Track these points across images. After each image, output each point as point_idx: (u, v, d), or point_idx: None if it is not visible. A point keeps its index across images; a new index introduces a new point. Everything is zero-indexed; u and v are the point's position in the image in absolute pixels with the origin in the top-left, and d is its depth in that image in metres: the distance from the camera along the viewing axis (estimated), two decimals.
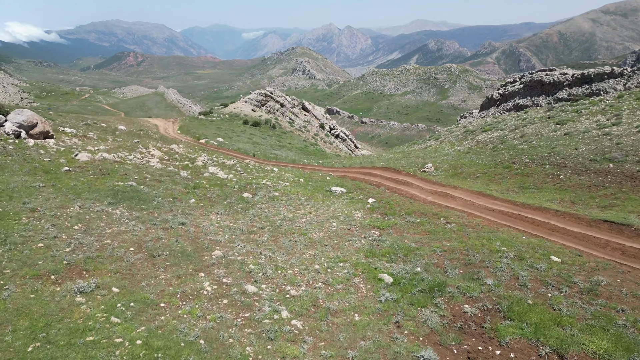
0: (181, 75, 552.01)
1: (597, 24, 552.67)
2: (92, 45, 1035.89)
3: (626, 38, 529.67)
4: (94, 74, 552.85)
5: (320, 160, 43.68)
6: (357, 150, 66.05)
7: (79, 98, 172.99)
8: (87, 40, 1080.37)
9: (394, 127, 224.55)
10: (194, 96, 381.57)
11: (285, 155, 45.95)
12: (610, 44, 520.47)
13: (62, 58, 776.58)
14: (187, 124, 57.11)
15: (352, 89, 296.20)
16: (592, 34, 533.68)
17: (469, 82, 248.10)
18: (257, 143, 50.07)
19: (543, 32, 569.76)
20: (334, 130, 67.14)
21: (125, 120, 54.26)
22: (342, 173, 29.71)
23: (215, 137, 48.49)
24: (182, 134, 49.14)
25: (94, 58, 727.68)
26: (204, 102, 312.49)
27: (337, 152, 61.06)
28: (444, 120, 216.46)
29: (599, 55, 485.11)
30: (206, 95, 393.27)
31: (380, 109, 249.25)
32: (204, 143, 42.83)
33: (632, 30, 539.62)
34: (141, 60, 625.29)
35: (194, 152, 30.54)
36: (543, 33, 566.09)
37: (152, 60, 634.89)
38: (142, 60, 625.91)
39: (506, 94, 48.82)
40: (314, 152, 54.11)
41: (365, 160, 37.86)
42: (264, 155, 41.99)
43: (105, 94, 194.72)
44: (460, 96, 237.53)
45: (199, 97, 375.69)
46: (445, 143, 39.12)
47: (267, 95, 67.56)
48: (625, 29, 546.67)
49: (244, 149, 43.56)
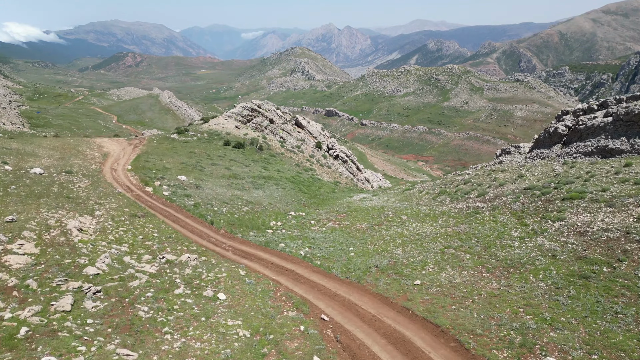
0: (180, 75, 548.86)
1: (597, 24, 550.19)
2: (91, 46, 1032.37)
3: (627, 38, 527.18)
4: (91, 75, 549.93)
5: (317, 206, 33.20)
6: (359, 174, 56.93)
7: (72, 100, 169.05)
8: (85, 41, 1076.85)
9: (394, 130, 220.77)
10: (192, 97, 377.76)
11: (267, 197, 33.23)
12: (612, 44, 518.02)
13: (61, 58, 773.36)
14: (152, 149, 43.53)
15: (351, 90, 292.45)
16: (593, 34, 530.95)
17: (470, 83, 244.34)
18: (235, 176, 37.59)
19: (544, 32, 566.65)
20: (332, 150, 57.66)
21: (64, 149, 38.03)
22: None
23: (177, 175, 34.20)
24: (132, 172, 34.19)
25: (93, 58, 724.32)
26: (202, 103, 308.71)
27: (336, 177, 51.39)
28: (446, 123, 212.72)
29: (600, 56, 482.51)
30: (204, 96, 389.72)
31: (381, 110, 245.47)
32: (149, 192, 28.89)
33: (633, 30, 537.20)
34: (140, 61, 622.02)
35: (90, 247, 17.08)
36: (544, 33, 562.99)
37: (151, 60, 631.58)
38: (140, 60, 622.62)
39: (581, 128, 31.90)
40: (309, 183, 42.77)
41: (375, 215, 28.41)
42: (229, 216, 26.82)
43: (100, 96, 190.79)
44: (462, 98, 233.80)
45: (197, 98, 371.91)
46: (497, 210, 23.31)
47: (254, 110, 56.86)
48: (626, 29, 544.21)
49: (206, 200, 28.86)
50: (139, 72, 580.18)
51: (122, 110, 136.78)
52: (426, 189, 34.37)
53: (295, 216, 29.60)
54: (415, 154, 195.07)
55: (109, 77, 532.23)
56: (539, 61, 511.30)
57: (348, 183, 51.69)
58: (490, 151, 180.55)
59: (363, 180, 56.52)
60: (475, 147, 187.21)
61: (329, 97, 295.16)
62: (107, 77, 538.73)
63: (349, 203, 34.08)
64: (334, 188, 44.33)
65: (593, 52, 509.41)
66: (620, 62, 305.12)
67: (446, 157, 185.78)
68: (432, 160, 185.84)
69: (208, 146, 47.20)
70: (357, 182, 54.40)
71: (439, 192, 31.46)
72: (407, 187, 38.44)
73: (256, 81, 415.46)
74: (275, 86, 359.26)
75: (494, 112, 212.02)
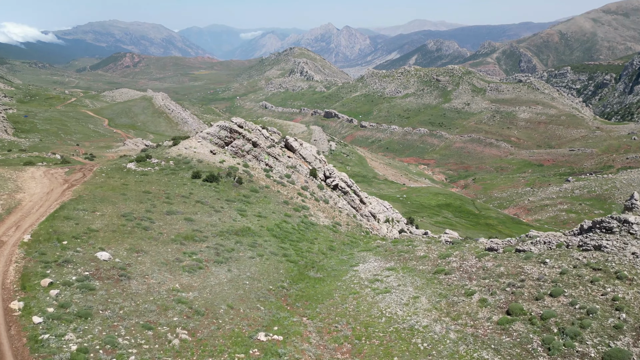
0: (177, 76, 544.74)
1: (598, 23, 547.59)
2: (89, 46, 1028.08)
3: (628, 38, 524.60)
4: (89, 75, 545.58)
5: (305, 306, 22.38)
6: (363, 208, 47.01)
7: (65, 102, 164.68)
8: (84, 41, 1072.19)
9: (394, 132, 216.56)
10: (189, 98, 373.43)
11: (231, 287, 21.87)
12: (612, 44, 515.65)
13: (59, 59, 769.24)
14: (92, 190, 31.39)
15: (351, 91, 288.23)
16: (594, 34, 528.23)
17: (472, 84, 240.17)
18: (194, 237, 26.65)
19: (544, 32, 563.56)
20: (330, 179, 46.79)
21: None
22: None
23: (101, 245, 22.68)
24: (26, 248, 20.87)
25: (90, 59, 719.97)
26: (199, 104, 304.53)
27: (335, 216, 41.45)
28: (447, 125, 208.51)
29: (601, 56, 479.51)
30: (202, 96, 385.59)
31: (381, 112, 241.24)
32: (13, 317, 15.57)
33: (634, 30, 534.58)
34: (137, 61, 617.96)
35: None
36: (544, 33, 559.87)
37: (149, 61, 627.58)
38: (138, 61, 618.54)
39: None
40: (299, 236, 32.69)
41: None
42: None
43: (94, 98, 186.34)
44: (463, 99, 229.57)
45: (195, 99, 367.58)
46: None
47: (233, 131, 45.71)
48: (626, 29, 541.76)
49: (109, 332, 15.71)
50: (137, 73, 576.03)
51: (114, 113, 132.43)
52: (477, 285, 21.33)
53: (264, 349, 17.09)
54: (417, 157, 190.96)
55: (107, 78, 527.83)
56: (539, 61, 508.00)
57: (350, 223, 41.61)
58: (494, 154, 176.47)
59: (368, 216, 46.62)
60: (478, 150, 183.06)
61: (328, 98, 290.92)
62: (104, 77, 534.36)
63: (354, 294, 23.19)
64: (331, 239, 35.05)
65: (594, 52, 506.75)
66: (623, 62, 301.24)
67: (448, 160, 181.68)
68: (433, 163, 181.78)
69: (171, 180, 36.70)
70: (360, 220, 44.46)
71: (512, 313, 18.03)
72: (440, 268, 24.60)
73: (254, 82, 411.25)
74: (274, 87, 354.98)
75: (497, 114, 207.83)
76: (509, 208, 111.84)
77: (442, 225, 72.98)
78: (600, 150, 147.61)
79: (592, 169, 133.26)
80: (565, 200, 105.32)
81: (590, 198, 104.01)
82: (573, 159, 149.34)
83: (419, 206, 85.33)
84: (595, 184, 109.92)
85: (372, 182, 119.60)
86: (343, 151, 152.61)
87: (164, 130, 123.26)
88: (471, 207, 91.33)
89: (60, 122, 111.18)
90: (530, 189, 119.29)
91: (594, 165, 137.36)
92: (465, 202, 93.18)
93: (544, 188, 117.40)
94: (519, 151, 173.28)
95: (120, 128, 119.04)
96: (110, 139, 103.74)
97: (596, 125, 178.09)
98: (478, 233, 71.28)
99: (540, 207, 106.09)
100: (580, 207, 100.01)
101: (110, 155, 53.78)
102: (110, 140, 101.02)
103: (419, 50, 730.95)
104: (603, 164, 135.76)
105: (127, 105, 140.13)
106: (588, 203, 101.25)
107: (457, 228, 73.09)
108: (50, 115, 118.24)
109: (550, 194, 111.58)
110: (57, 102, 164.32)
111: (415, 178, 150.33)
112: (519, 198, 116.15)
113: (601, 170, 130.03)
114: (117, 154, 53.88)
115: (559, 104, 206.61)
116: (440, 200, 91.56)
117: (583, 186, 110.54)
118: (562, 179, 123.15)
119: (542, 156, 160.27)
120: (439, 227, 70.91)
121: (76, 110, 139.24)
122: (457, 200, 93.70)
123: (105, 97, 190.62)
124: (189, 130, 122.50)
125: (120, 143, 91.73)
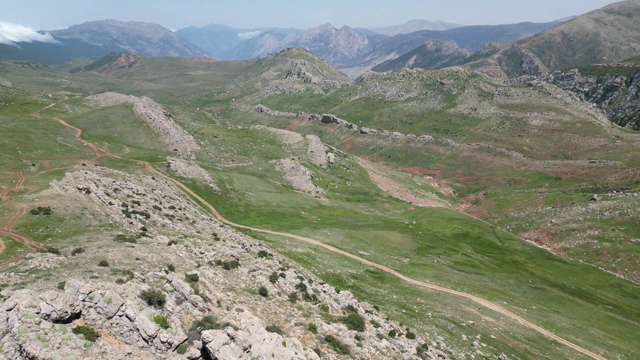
0: (173, 77, 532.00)
1: (600, 24, 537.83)
2: (86, 46, 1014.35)
3: (631, 38, 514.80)
4: (82, 76, 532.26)
5: None
6: None
7: (41, 108, 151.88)
8: (80, 41, 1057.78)
9: (397, 138, 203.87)
10: (183, 100, 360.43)
11: None
12: (615, 44, 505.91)
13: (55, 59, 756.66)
14: None
15: (350, 94, 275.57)
16: (596, 34, 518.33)
17: (478, 87, 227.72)
18: None
19: (545, 33, 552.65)
20: None
21: None
22: None
23: None
24: None
25: (86, 59, 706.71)
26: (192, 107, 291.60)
27: None
28: (453, 131, 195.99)
29: (604, 57, 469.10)
30: (196, 98, 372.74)
31: (382, 117, 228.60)
32: None
33: (637, 31, 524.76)
34: (133, 62, 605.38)
35: None
36: (545, 33, 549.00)
37: (144, 61, 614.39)
38: (133, 61, 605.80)
39: None
40: None
41: None
42: None
43: (76, 103, 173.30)
44: (469, 104, 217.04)
45: (189, 101, 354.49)
46: None
47: None
48: (630, 29, 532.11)
49: None
50: (132, 73, 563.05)
51: (89, 122, 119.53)
52: None
53: None
54: (421, 167, 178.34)
55: (100, 79, 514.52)
56: (541, 62, 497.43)
57: None
58: (505, 165, 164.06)
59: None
60: (488, 159, 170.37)
61: (326, 102, 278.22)
62: (98, 78, 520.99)
63: None
64: None
65: (597, 53, 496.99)
66: (633, 64, 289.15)
67: (455, 170, 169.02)
68: (439, 174, 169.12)
69: None
70: None
71: None
72: None
73: (251, 83, 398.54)
74: (270, 89, 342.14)
75: (506, 120, 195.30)
76: (530, 231, 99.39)
77: (463, 267, 60.44)
78: (624, 163, 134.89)
79: (617, 185, 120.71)
80: (595, 224, 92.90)
81: (623, 222, 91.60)
82: (594, 172, 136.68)
83: (432, 238, 72.84)
84: (627, 204, 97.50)
85: (375, 200, 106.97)
86: (342, 163, 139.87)
87: (143, 142, 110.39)
88: (492, 236, 78.82)
89: (23, 135, 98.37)
90: (552, 209, 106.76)
91: (619, 180, 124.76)
92: (485, 231, 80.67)
93: (567, 208, 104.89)
94: (532, 162, 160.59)
95: (93, 140, 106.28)
96: (77, 154, 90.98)
97: (615, 134, 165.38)
98: (507, 279, 58.79)
99: (566, 231, 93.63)
100: (614, 233, 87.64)
101: (22, 206, 38.08)
102: (77, 157, 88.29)
103: (419, 51, 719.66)
104: (629, 178, 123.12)
105: (104, 114, 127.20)
106: (622, 229, 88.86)
107: (482, 271, 60.59)
108: (15, 126, 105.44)
109: (575, 216, 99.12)
110: (33, 109, 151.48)
111: (421, 193, 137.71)
112: (539, 219, 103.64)
113: (628, 186, 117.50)
114: (34, 204, 38.84)
115: (573, 110, 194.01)
116: (456, 228, 78.98)
117: (613, 207, 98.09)
118: (587, 196, 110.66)
119: (559, 168, 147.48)
120: (460, 271, 58.31)
121: (49, 119, 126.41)
122: (475, 227, 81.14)
123: (88, 101, 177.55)
124: (170, 142, 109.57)
125: (87, 159, 78.93)
